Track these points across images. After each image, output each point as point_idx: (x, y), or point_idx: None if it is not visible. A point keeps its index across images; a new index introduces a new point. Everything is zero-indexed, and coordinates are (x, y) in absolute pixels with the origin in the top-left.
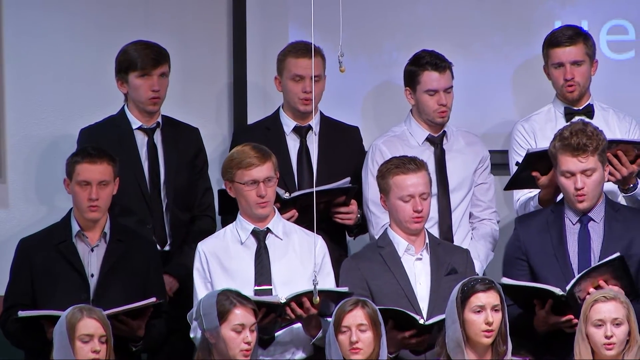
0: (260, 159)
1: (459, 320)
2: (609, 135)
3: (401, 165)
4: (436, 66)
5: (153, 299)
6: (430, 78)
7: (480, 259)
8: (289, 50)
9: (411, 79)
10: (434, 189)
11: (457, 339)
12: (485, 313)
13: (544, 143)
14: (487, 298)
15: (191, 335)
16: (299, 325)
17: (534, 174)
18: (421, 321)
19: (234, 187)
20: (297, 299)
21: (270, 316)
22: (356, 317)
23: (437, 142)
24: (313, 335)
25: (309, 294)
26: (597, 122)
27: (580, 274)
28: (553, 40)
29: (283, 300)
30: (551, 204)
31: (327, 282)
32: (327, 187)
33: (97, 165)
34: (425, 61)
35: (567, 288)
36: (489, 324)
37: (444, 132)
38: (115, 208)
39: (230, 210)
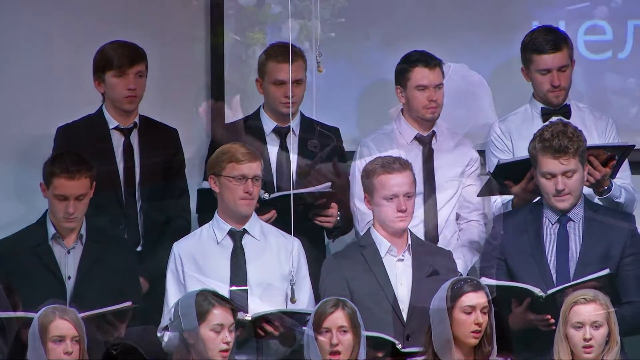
0: (251, 156)
1: (448, 318)
2: (585, 135)
3: (386, 164)
4: (426, 62)
5: (128, 303)
6: (421, 74)
7: (465, 259)
8: (270, 54)
9: (402, 76)
10: (421, 188)
11: (446, 338)
12: (476, 314)
13: (520, 143)
14: (478, 299)
15: (158, 334)
16: None
17: (507, 182)
18: (399, 346)
19: (220, 181)
20: (265, 317)
21: (238, 330)
22: (337, 319)
23: (426, 141)
24: (290, 346)
25: (274, 315)
26: (573, 122)
27: (566, 284)
28: (538, 47)
29: (248, 318)
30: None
31: (303, 285)
32: (307, 191)
33: (75, 181)
34: (415, 58)
35: (549, 292)
36: (478, 324)
37: (434, 132)
38: (88, 207)
39: (208, 209)
